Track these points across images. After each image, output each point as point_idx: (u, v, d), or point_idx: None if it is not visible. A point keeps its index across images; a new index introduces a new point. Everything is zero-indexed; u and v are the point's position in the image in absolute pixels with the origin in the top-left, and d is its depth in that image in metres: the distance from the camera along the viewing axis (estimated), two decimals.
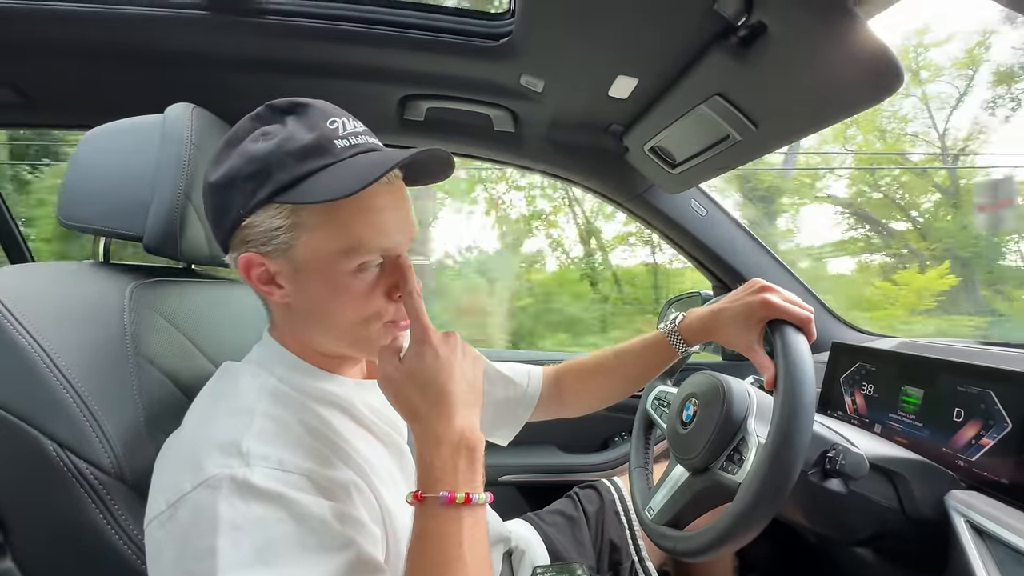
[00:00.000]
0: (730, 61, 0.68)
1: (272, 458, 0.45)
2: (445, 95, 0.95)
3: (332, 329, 0.54)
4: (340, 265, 0.50)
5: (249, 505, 0.41)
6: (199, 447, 0.45)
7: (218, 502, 0.41)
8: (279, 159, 0.48)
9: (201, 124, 0.68)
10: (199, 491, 0.42)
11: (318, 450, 0.49)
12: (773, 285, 0.68)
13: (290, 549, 0.41)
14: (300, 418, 0.51)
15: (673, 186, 1.07)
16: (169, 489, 0.43)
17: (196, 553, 0.40)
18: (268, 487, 0.42)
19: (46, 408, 0.49)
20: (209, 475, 0.42)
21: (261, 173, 0.48)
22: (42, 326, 0.52)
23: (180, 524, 0.41)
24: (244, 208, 0.49)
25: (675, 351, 0.80)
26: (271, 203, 0.48)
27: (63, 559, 0.51)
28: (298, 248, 0.50)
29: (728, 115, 0.75)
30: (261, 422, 0.47)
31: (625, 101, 0.88)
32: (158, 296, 0.66)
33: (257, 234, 0.50)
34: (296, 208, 0.48)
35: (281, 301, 0.53)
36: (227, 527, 0.40)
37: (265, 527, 0.41)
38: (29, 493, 0.50)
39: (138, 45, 0.85)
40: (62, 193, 0.67)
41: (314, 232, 0.49)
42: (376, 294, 0.52)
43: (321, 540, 0.43)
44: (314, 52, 0.87)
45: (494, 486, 1.25)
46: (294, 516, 0.42)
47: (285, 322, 0.57)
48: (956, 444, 0.69)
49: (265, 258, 0.50)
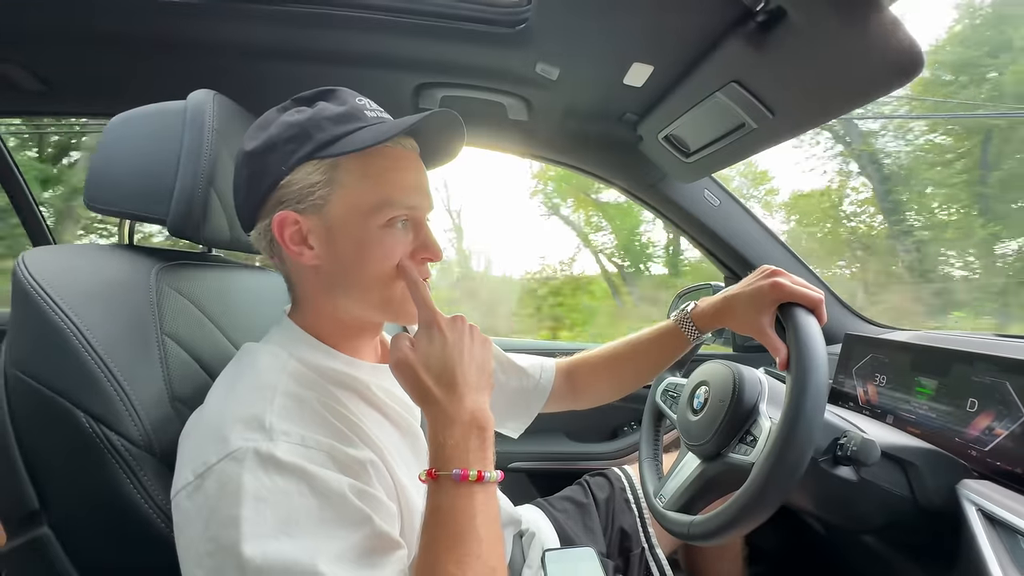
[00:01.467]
0: (748, 47, 0.67)
1: (294, 434, 0.46)
2: (460, 83, 0.95)
3: (359, 289, 0.56)
4: (371, 219, 0.54)
5: (272, 478, 0.43)
6: (223, 421, 0.46)
7: (243, 473, 0.42)
8: (317, 123, 0.53)
9: (222, 111, 0.69)
10: (224, 463, 0.43)
11: (337, 428, 0.51)
12: (782, 270, 0.68)
13: (310, 522, 0.42)
14: (319, 397, 0.52)
15: (686, 175, 1.07)
16: (195, 461, 0.45)
17: (222, 521, 0.41)
18: (290, 461, 0.44)
19: (79, 382, 0.51)
20: (234, 448, 0.43)
21: (301, 135, 0.53)
22: (74, 303, 0.54)
23: (207, 494, 0.43)
24: (285, 165, 0.53)
25: (688, 339, 0.80)
26: (311, 160, 0.53)
27: (95, 527, 0.53)
28: (333, 203, 0.54)
29: (745, 102, 0.75)
30: (282, 400, 0.49)
31: (640, 89, 0.87)
32: (181, 278, 0.67)
33: (294, 192, 0.54)
34: (334, 164, 0.53)
35: (310, 263, 0.56)
36: (250, 498, 0.41)
37: (287, 499, 0.42)
38: (64, 463, 0.52)
39: (156, 32, 0.87)
40: (89, 178, 0.69)
41: (348, 188, 0.54)
42: (402, 253, 0.56)
43: (340, 514, 0.44)
44: (330, 39, 0.88)
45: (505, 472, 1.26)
46: (315, 491, 0.43)
47: (311, 290, 0.59)
48: (969, 434, 0.69)
49: (300, 215, 0.54)
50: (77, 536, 0.53)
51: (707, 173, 1.07)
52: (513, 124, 1.05)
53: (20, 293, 0.54)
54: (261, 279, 0.86)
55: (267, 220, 0.55)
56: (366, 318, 0.60)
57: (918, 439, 0.72)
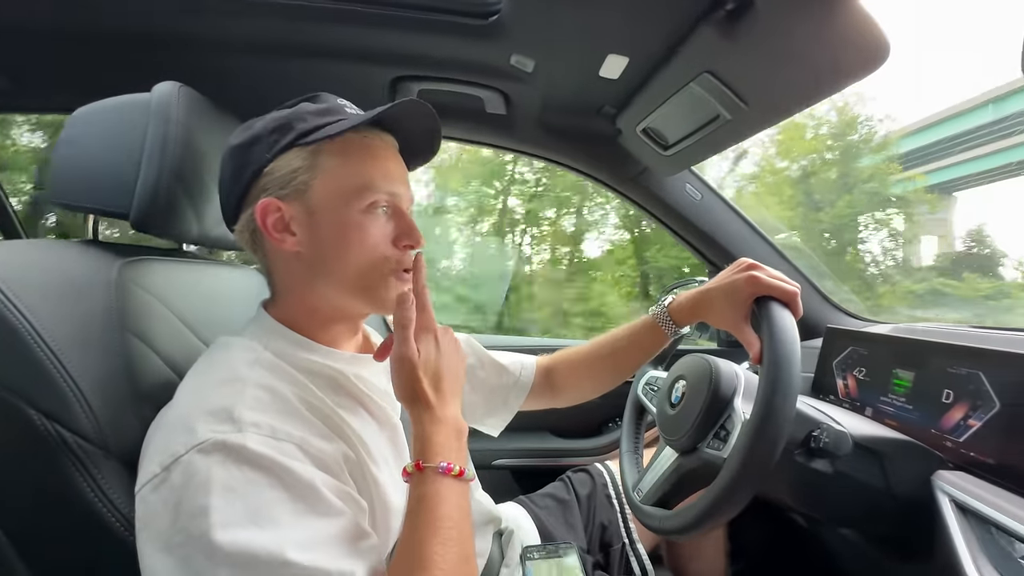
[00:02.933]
0: (719, 37, 0.67)
1: (264, 426, 0.45)
2: (436, 76, 0.94)
3: (341, 275, 0.57)
4: (352, 203, 0.55)
5: (242, 469, 0.42)
6: (192, 413, 0.46)
7: (211, 465, 0.42)
8: (300, 115, 0.56)
9: (188, 103, 0.68)
10: (192, 454, 0.42)
11: (310, 421, 0.50)
12: (759, 264, 0.67)
13: (282, 512, 0.42)
14: (293, 390, 0.52)
15: (666, 168, 1.06)
16: (162, 452, 0.44)
17: (190, 512, 0.40)
18: (260, 452, 0.43)
19: (30, 379, 0.50)
20: (202, 439, 0.43)
21: (284, 126, 0.56)
22: (28, 299, 0.52)
23: (173, 486, 0.42)
24: (269, 153, 0.55)
25: (666, 334, 0.79)
26: (293, 147, 0.55)
27: (51, 529, 0.51)
28: (314, 188, 0.56)
29: (718, 93, 0.74)
30: (254, 391, 0.48)
31: (616, 81, 0.87)
32: (146, 273, 0.66)
33: (277, 178, 0.56)
34: (316, 150, 0.55)
35: (292, 250, 0.57)
36: (219, 488, 0.41)
37: (257, 490, 0.42)
38: (16, 463, 0.51)
39: (125, 26, 0.85)
40: (52, 172, 0.67)
41: (330, 172, 0.56)
42: (383, 239, 0.57)
43: (312, 505, 0.44)
44: (304, 32, 0.86)
45: (487, 470, 1.25)
46: (285, 483, 0.43)
47: (291, 279, 0.59)
48: (944, 425, 0.69)
49: (282, 202, 0.55)
50: (31, 540, 0.51)
51: (686, 166, 1.07)
52: (491, 118, 1.05)
53: None
54: (234, 275, 0.84)
55: (250, 210, 0.56)
56: (345, 306, 0.60)
57: (894, 431, 0.72)
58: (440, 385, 0.54)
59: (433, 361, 0.55)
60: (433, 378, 0.54)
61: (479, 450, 0.87)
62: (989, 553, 0.55)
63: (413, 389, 0.53)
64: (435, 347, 0.56)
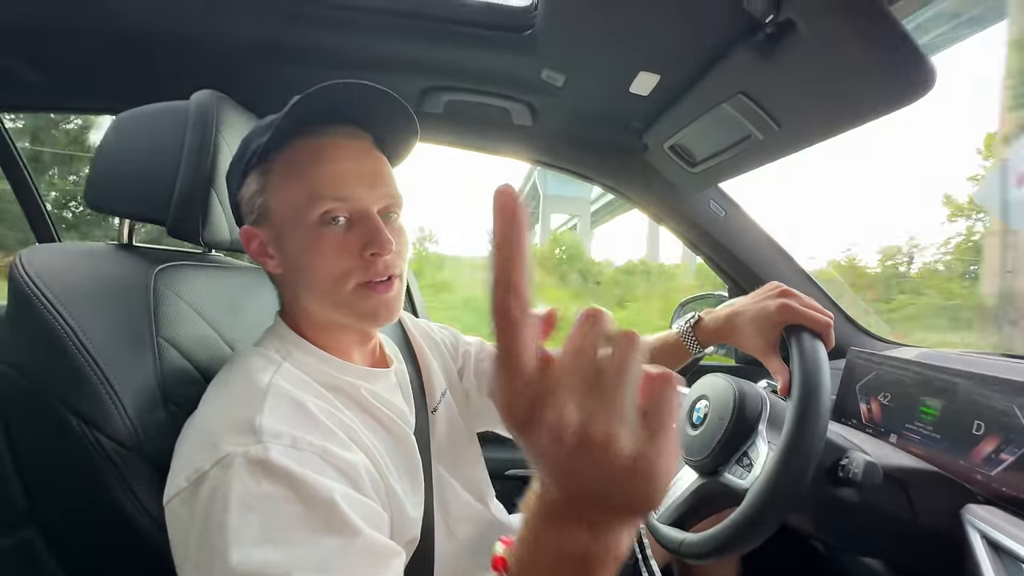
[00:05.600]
0: (756, 59, 0.66)
1: (285, 436, 0.45)
2: (465, 87, 0.95)
3: (314, 290, 0.56)
4: (305, 215, 0.53)
5: (259, 483, 0.42)
6: (214, 427, 0.46)
7: (231, 480, 0.42)
8: (252, 135, 0.57)
9: (224, 112, 0.69)
10: (215, 470, 0.43)
11: (331, 430, 0.50)
12: (792, 290, 0.66)
13: (297, 530, 0.41)
14: (313, 400, 0.51)
15: (692, 185, 1.06)
16: (188, 468, 0.45)
17: (213, 527, 0.41)
18: (280, 464, 0.43)
19: (70, 382, 0.50)
20: (224, 453, 0.43)
21: (241, 152, 0.57)
22: (69, 303, 0.53)
23: (201, 501, 0.43)
24: (235, 184, 0.58)
25: (688, 351, 0.79)
26: (250, 171, 0.56)
27: (83, 530, 0.52)
28: (272, 208, 0.56)
29: (751, 114, 0.74)
30: (274, 402, 0.48)
31: (646, 98, 0.87)
32: (181, 280, 0.67)
33: (245, 206, 0.58)
34: (264, 171, 0.56)
35: (275, 271, 0.58)
36: (237, 505, 0.41)
37: (273, 506, 0.42)
38: (52, 464, 0.52)
39: (160, 29, 0.86)
40: (90, 177, 0.69)
41: (279, 188, 0.55)
42: (346, 250, 0.54)
43: (328, 522, 0.43)
44: (335, 41, 0.87)
45: (501, 479, 1.25)
46: (302, 497, 0.43)
47: (286, 296, 0.61)
48: (975, 458, 0.68)
49: (255, 228, 0.57)
50: (64, 538, 0.52)
51: (712, 183, 1.06)
52: (517, 129, 1.05)
53: (16, 290, 0.54)
54: (262, 280, 0.85)
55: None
56: (336, 320, 0.59)
57: (922, 460, 0.70)
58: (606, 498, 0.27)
59: (624, 476, 0.26)
60: (606, 494, 0.27)
61: (492, 459, 0.86)
62: None
63: (572, 481, 0.27)
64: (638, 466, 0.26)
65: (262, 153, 0.54)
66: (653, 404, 0.26)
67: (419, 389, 0.73)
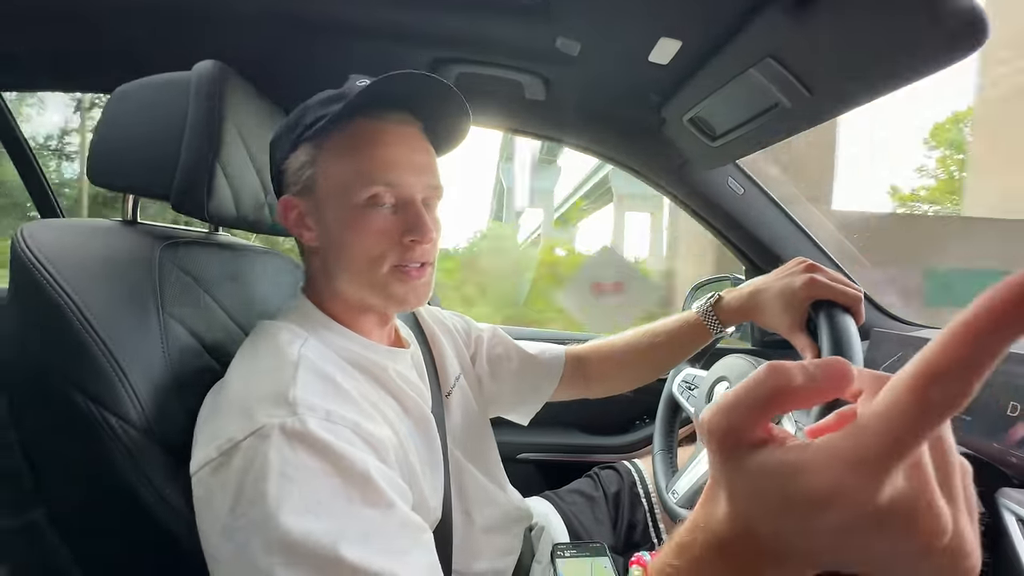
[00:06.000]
0: (785, 20, 0.62)
1: (319, 409, 0.45)
2: (477, 59, 0.91)
3: (349, 269, 0.57)
4: (352, 197, 0.55)
5: (298, 454, 0.42)
6: (248, 398, 0.46)
7: (269, 450, 0.42)
8: (306, 109, 0.58)
9: (228, 83, 0.66)
10: (250, 440, 0.43)
11: (360, 405, 0.50)
12: (818, 264, 0.64)
13: (337, 502, 0.42)
14: (340, 375, 0.52)
15: (711, 160, 1.02)
16: (220, 437, 0.44)
17: (250, 498, 0.41)
18: (317, 436, 0.43)
19: (74, 358, 0.49)
20: (260, 424, 0.43)
21: (293, 123, 0.58)
22: (73, 279, 0.52)
23: (233, 470, 0.42)
24: (282, 152, 0.58)
25: (709, 332, 0.76)
26: (301, 142, 0.57)
27: (92, 510, 0.51)
28: (319, 182, 0.56)
29: (780, 80, 0.70)
30: (305, 375, 0.48)
31: (666, 67, 0.83)
32: (187, 257, 0.65)
33: (291, 175, 0.58)
34: (317, 144, 0.56)
35: (310, 243, 0.59)
36: (277, 475, 0.41)
37: (313, 478, 0.42)
38: (61, 445, 0.51)
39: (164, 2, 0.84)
40: (91, 152, 0.67)
41: (330, 164, 0.56)
42: (387, 234, 0.56)
43: (364, 495, 0.43)
44: (344, 11, 0.84)
45: (512, 463, 1.24)
46: (340, 470, 0.43)
47: (315, 270, 0.61)
48: (1010, 440, 0.65)
49: (296, 198, 0.58)
50: (72, 520, 0.51)
51: (732, 159, 1.02)
52: (529, 104, 1.01)
53: (18, 267, 0.53)
54: (268, 261, 0.84)
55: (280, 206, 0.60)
56: (363, 299, 0.60)
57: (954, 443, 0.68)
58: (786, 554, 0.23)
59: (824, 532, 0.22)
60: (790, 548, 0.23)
61: (504, 442, 0.85)
62: None
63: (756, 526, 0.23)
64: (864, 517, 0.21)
65: (321, 128, 0.54)
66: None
67: (433, 373, 0.73)
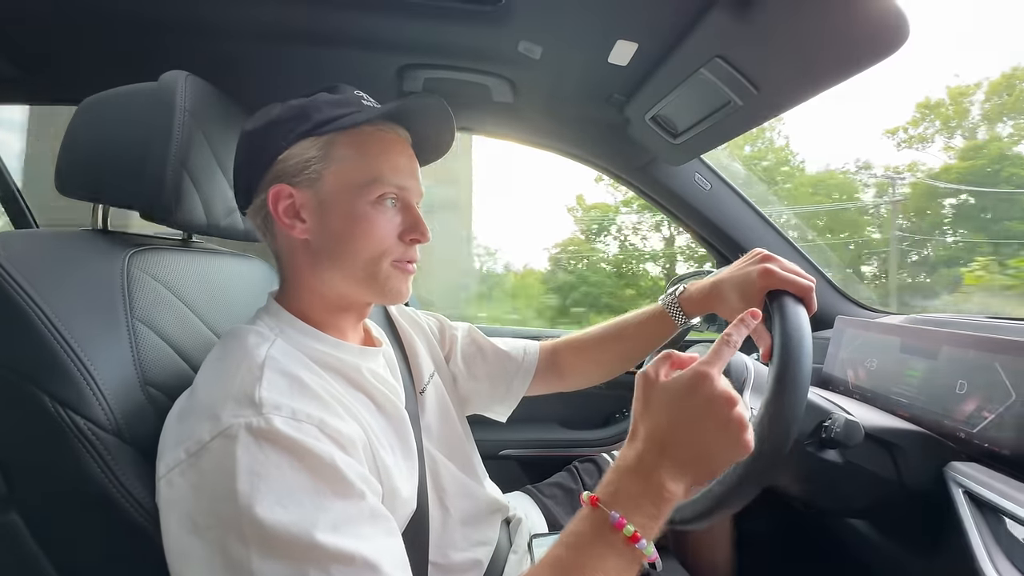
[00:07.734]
0: (730, 20, 0.65)
1: (285, 408, 0.46)
2: (443, 64, 0.93)
3: (346, 264, 0.58)
4: (362, 194, 0.57)
5: (265, 452, 0.43)
6: (214, 400, 0.47)
7: (236, 449, 0.43)
8: (316, 105, 0.58)
9: (195, 91, 0.68)
10: (218, 440, 0.43)
11: (327, 402, 0.51)
12: (774, 255, 0.66)
13: (307, 494, 0.43)
14: (308, 375, 0.52)
15: (675, 157, 1.05)
16: (188, 440, 0.45)
17: (220, 496, 0.42)
18: (283, 434, 0.44)
19: (44, 365, 0.50)
20: (226, 425, 0.44)
21: (301, 115, 0.57)
22: (41, 288, 0.53)
23: (202, 472, 0.43)
24: (285, 140, 0.57)
25: (675, 323, 0.79)
26: (309, 136, 0.57)
27: (65, 513, 0.52)
28: (326, 178, 0.57)
29: (729, 79, 0.72)
30: (271, 375, 0.49)
31: (625, 68, 0.85)
32: (156, 263, 0.66)
33: (291, 166, 0.57)
34: (330, 141, 0.57)
35: (301, 236, 0.58)
36: (246, 473, 0.42)
37: (282, 473, 0.43)
38: (31, 449, 0.51)
39: (132, 14, 0.85)
40: (59, 162, 0.67)
41: (342, 163, 0.57)
42: (390, 231, 0.59)
43: (334, 488, 0.44)
44: (310, 19, 0.85)
45: (495, 460, 1.26)
46: (308, 465, 0.44)
47: (298, 266, 0.60)
48: (958, 416, 0.68)
49: (294, 189, 0.57)
50: (47, 524, 0.52)
51: (696, 155, 1.05)
52: (498, 107, 1.03)
53: None
54: (242, 266, 0.85)
55: (263, 195, 0.58)
56: (350, 294, 0.61)
57: (906, 421, 0.71)
58: (674, 440, 0.45)
59: (685, 408, 0.46)
60: (671, 424, 0.46)
61: (486, 440, 0.87)
62: (1003, 545, 0.55)
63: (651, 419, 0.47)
64: (696, 399, 0.45)
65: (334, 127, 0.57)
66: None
67: (407, 371, 0.74)
